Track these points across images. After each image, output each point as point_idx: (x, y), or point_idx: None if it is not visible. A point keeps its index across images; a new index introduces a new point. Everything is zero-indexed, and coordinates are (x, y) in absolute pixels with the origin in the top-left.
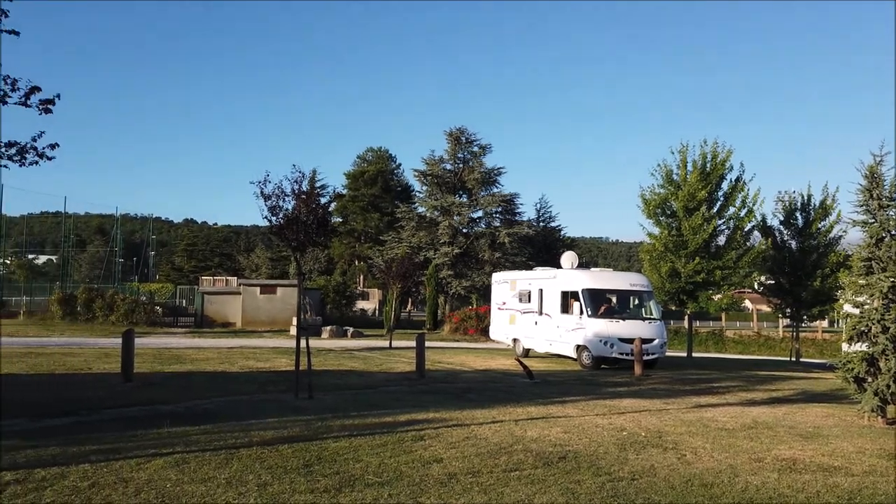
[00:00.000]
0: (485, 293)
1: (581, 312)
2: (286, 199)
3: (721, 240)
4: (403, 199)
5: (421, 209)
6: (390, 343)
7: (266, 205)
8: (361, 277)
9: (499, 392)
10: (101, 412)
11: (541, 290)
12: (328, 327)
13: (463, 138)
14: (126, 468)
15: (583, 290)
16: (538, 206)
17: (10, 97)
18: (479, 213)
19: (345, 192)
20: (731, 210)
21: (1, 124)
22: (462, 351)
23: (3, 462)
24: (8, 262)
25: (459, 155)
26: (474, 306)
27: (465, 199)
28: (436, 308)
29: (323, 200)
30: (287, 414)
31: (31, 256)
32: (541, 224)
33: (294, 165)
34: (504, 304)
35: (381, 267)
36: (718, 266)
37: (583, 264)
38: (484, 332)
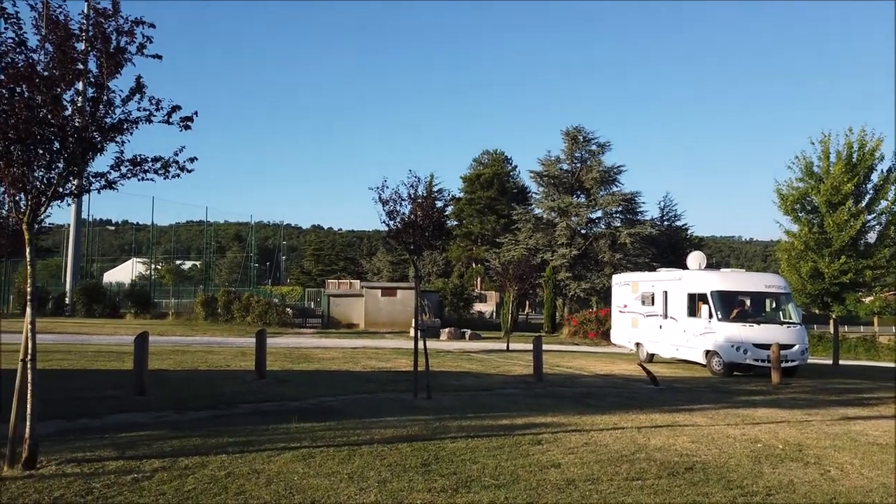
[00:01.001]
0: (605, 296)
1: (710, 316)
2: (403, 203)
3: (871, 237)
4: (520, 201)
5: (537, 211)
6: (507, 345)
7: (384, 210)
8: (479, 280)
9: (620, 398)
10: (238, 406)
11: (665, 293)
12: (446, 329)
13: (580, 137)
14: (258, 460)
15: (712, 293)
16: (662, 204)
17: (154, 116)
18: (598, 214)
19: (461, 195)
20: (883, 204)
21: (126, 142)
22: (581, 355)
23: (153, 449)
24: (159, 267)
25: (577, 154)
26: (594, 309)
27: (583, 200)
28: (554, 311)
29: (439, 204)
30: (406, 413)
31: (178, 262)
32: (665, 223)
33: (410, 170)
34: (626, 306)
35: (497, 269)
36: (868, 265)
37: (712, 265)
38: (604, 335)
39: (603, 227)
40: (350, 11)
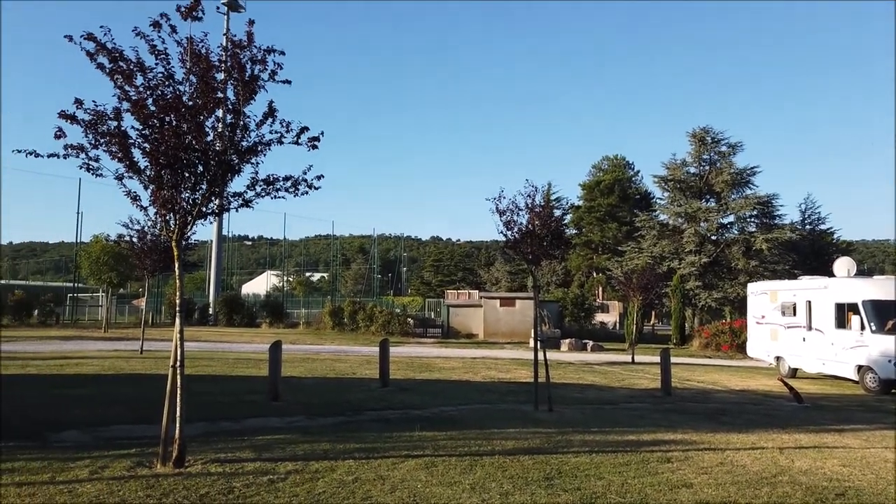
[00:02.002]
0: (739, 306)
1: (862, 328)
2: (520, 213)
3: None
4: (643, 207)
5: (663, 217)
6: (632, 357)
7: (501, 220)
8: (600, 289)
9: (759, 415)
10: (363, 413)
11: (808, 302)
12: (567, 340)
13: (708, 138)
14: (383, 466)
15: (864, 302)
16: (803, 206)
17: (285, 138)
18: (730, 218)
19: (580, 203)
20: None
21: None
22: (714, 368)
23: (287, 452)
24: (290, 279)
25: (705, 156)
26: (728, 320)
27: (712, 204)
28: (682, 322)
29: (557, 213)
30: (527, 425)
31: (307, 274)
32: (807, 227)
33: (527, 180)
34: (763, 317)
35: (620, 278)
36: None
37: (863, 271)
38: (739, 348)
39: (736, 232)
40: (467, 19)
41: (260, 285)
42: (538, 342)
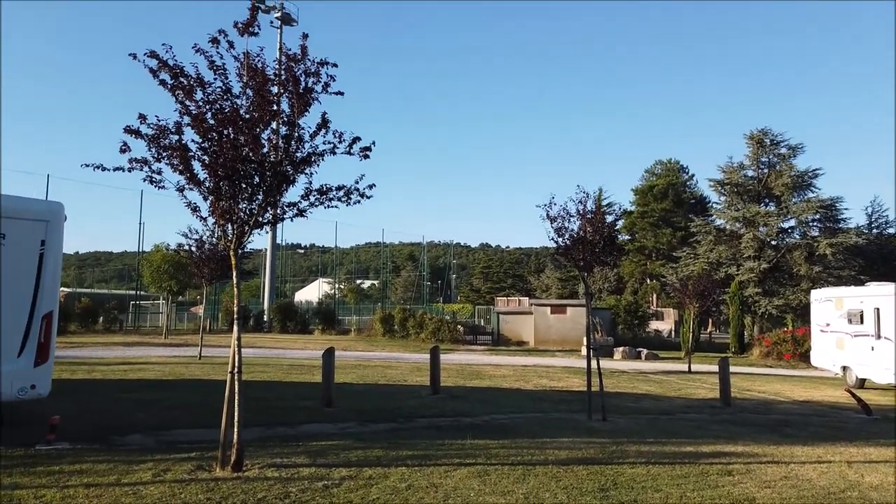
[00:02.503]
0: (802, 313)
1: None
2: (571, 220)
3: None
4: (698, 211)
5: (719, 221)
6: (689, 367)
7: (552, 227)
8: (654, 296)
9: (825, 428)
10: (415, 420)
11: (877, 310)
12: (620, 348)
13: (767, 140)
14: (436, 474)
15: None
16: (869, 209)
17: (338, 148)
18: (791, 223)
19: (633, 208)
20: None
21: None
22: (775, 378)
23: (341, 458)
24: (342, 286)
25: (763, 159)
26: (790, 328)
27: (772, 208)
28: (741, 330)
29: (609, 219)
30: (581, 434)
31: (358, 281)
32: (874, 231)
33: (578, 186)
34: (828, 325)
35: (675, 285)
36: None
37: None
38: (803, 357)
39: (797, 237)
40: (507, 22)
41: (312, 292)
42: (591, 350)
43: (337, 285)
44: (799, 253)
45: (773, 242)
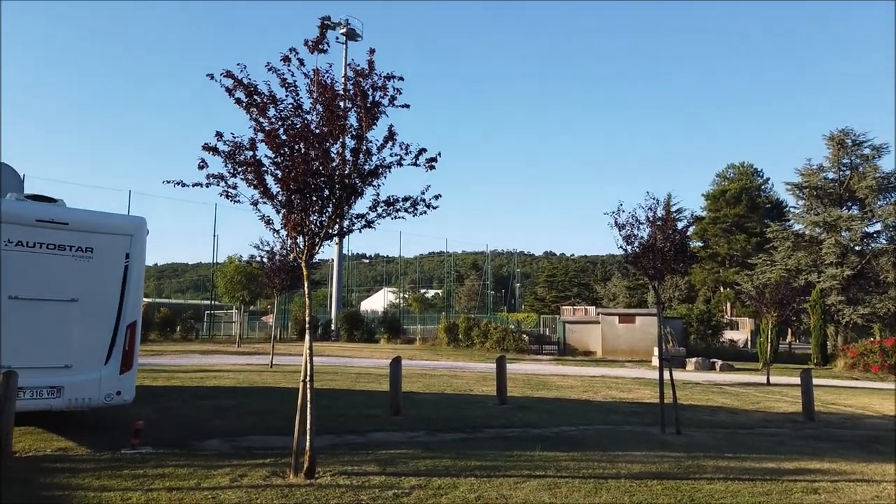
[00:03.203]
0: (891, 322)
1: None
2: (640, 227)
3: None
4: (774, 216)
5: (797, 227)
6: (767, 378)
7: (620, 234)
8: (728, 305)
9: None
10: (482, 431)
11: None
12: (693, 359)
13: (848, 141)
14: (505, 485)
15: None
16: None
17: (404, 160)
18: (877, 227)
19: (704, 214)
20: None
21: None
22: (863, 392)
23: (410, 467)
24: (406, 296)
25: (845, 160)
26: (877, 338)
27: (855, 212)
28: (824, 340)
29: (680, 225)
30: (654, 448)
31: (422, 290)
32: None
33: (648, 192)
34: None
35: (751, 293)
36: None
37: None
38: (892, 369)
39: (884, 242)
40: (579, 23)
41: (377, 302)
42: (663, 361)
43: (402, 294)
44: (886, 259)
45: (857, 248)
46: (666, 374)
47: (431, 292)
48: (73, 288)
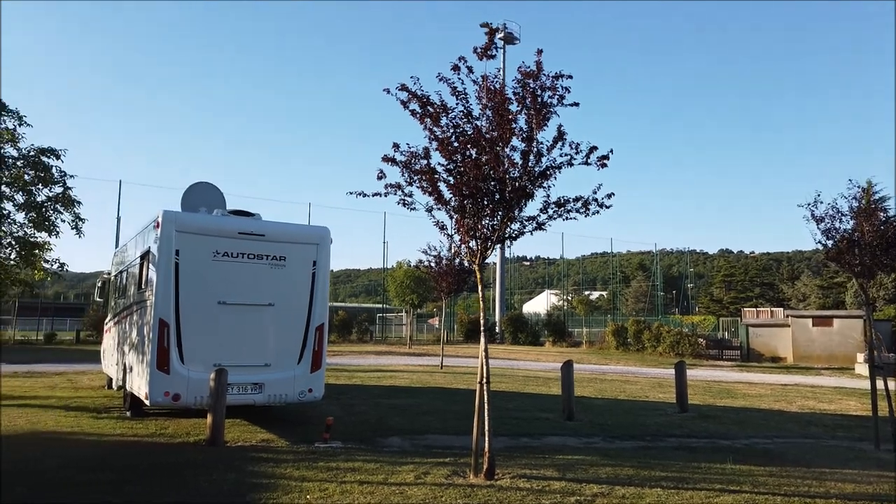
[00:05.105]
0: None
1: None
2: (843, 219)
3: None
4: None
5: None
6: None
7: (819, 228)
8: None
9: None
10: (663, 439)
11: None
12: None
13: None
14: (695, 498)
15: None
16: None
17: (574, 159)
18: None
19: None
20: None
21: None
22: None
23: (590, 474)
24: (570, 298)
25: None
26: None
27: None
28: None
29: (889, 214)
30: (867, 467)
31: (586, 292)
32: None
33: (850, 180)
34: None
35: None
36: None
37: None
38: None
39: None
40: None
41: (540, 304)
42: (875, 368)
43: (565, 297)
44: None
45: None
46: (879, 384)
47: (596, 294)
48: (269, 293)
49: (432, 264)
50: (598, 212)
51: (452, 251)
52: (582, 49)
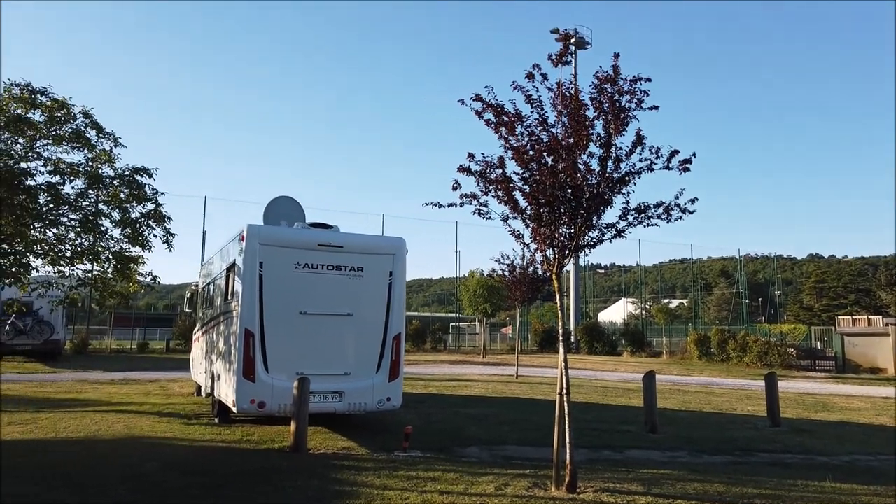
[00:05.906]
0: None
1: None
2: None
3: None
4: None
5: None
6: None
7: None
8: None
9: None
10: (754, 454)
11: None
12: None
13: None
14: None
15: None
16: None
17: (655, 164)
18: None
19: None
20: None
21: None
22: None
23: (677, 489)
24: (648, 306)
25: None
26: None
27: None
28: None
29: None
30: None
31: (665, 301)
32: None
33: None
34: None
35: None
36: None
37: None
38: None
39: None
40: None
41: (616, 313)
42: None
43: (643, 305)
44: None
45: None
46: None
47: (675, 302)
48: (348, 303)
49: (506, 273)
50: (680, 218)
51: (527, 260)
52: (655, 45)
